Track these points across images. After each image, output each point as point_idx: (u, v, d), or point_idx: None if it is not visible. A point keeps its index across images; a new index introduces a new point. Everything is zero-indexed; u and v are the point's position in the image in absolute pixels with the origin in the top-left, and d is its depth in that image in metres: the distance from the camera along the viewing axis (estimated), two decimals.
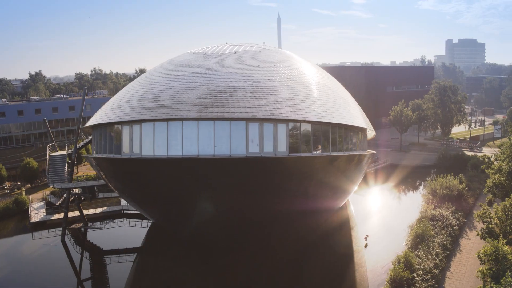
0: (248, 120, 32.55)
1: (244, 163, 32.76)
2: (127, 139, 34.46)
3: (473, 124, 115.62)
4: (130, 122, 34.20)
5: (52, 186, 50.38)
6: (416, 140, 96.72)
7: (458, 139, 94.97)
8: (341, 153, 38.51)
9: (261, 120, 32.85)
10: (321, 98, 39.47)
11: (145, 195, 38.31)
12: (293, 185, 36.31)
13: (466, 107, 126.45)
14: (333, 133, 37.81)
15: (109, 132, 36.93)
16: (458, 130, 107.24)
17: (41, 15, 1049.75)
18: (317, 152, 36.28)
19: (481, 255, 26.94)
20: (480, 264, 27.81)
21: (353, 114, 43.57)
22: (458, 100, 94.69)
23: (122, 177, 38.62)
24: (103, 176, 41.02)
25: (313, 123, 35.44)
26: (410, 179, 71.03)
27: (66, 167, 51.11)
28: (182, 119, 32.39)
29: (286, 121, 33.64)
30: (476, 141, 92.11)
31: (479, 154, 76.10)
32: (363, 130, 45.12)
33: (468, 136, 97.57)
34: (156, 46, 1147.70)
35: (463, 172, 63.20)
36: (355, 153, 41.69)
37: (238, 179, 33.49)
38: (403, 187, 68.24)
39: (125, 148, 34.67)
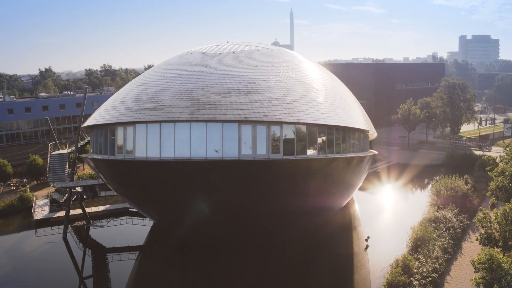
0: (240, 122, 32.18)
1: (236, 165, 32.45)
2: (121, 140, 34.45)
3: (483, 122, 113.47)
4: (124, 124, 34.15)
5: (52, 185, 50.70)
6: (424, 138, 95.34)
7: (467, 137, 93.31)
8: (338, 155, 37.76)
9: (254, 123, 32.43)
10: (318, 99, 38.77)
11: (140, 195, 38.36)
12: (288, 187, 35.79)
13: (477, 104, 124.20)
14: (330, 135, 37.12)
15: (104, 133, 36.93)
16: (468, 129, 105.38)
17: (53, 11, 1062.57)
18: (313, 154, 35.68)
19: (475, 263, 26.27)
20: (474, 272, 27.14)
21: (352, 115, 42.69)
22: (468, 98, 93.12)
23: (117, 178, 38.66)
24: (101, 176, 41.12)
25: (308, 125, 34.85)
26: (417, 179, 69.88)
27: (67, 166, 51.40)
28: (174, 121, 32.24)
29: (279, 123, 33.13)
30: (485, 140, 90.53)
31: (487, 154, 74.81)
32: (363, 131, 44.24)
33: (478, 134, 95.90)
34: (167, 42, 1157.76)
35: (471, 172, 62.06)
36: (353, 155, 40.84)
37: (230, 182, 33.19)
38: (410, 186, 67.26)
39: (119, 149, 34.68)
